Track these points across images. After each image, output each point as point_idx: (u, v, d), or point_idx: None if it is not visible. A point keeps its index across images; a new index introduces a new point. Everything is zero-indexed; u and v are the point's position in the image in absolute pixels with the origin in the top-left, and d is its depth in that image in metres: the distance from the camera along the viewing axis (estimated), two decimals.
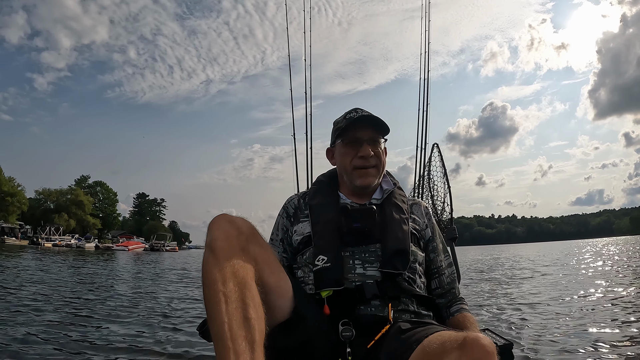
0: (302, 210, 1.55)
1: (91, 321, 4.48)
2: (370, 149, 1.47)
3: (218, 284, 0.94)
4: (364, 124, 1.48)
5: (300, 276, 1.41)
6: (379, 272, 1.33)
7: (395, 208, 1.48)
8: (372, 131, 1.49)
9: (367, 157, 1.47)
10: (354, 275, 1.32)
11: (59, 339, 3.57)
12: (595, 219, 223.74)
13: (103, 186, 76.74)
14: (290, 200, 1.60)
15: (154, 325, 4.44)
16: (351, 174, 1.49)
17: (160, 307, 5.75)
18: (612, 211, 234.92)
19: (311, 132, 3.75)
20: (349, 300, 1.29)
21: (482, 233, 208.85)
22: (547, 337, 3.90)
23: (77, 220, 62.42)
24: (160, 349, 3.41)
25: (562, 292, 7.16)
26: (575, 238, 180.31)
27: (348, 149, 1.49)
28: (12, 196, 52.76)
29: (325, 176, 1.66)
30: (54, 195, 63.80)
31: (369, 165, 1.48)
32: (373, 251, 1.36)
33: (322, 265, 1.33)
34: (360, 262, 1.35)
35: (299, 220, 1.51)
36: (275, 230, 1.58)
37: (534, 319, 4.84)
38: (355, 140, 1.47)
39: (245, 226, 1.08)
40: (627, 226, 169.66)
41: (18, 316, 4.54)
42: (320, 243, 1.38)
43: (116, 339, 3.71)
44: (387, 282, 1.31)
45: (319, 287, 1.32)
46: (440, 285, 1.52)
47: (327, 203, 1.50)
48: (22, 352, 3.15)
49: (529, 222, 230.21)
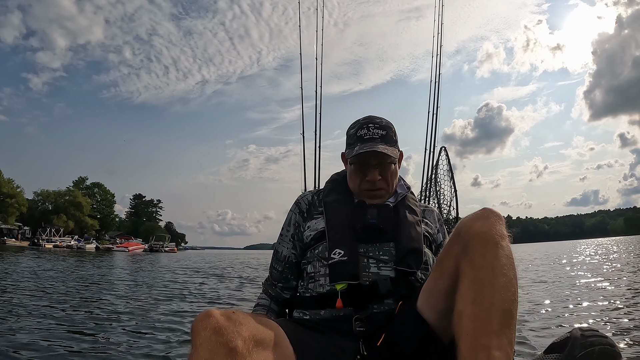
0: (315, 207, 1.53)
1: (106, 322, 4.55)
2: (379, 173, 1.44)
3: None
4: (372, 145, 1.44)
5: (310, 271, 1.40)
6: (393, 271, 1.32)
7: (408, 210, 1.48)
8: (381, 156, 1.44)
9: (374, 182, 1.45)
10: (368, 274, 1.32)
11: (77, 342, 3.58)
12: (590, 219, 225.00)
13: (101, 187, 77.21)
14: (303, 196, 1.59)
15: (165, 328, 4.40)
16: (360, 194, 1.49)
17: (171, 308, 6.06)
18: (606, 212, 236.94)
19: (320, 132, 3.64)
20: (363, 295, 1.29)
21: None
22: (548, 339, 3.61)
23: (76, 221, 62.91)
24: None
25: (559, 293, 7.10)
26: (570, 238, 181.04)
27: (356, 172, 1.47)
28: (11, 197, 53.24)
29: (339, 175, 1.63)
30: (52, 197, 64.37)
31: (376, 188, 1.46)
32: (387, 250, 1.35)
33: (338, 258, 1.32)
34: (374, 261, 1.34)
35: (313, 217, 1.50)
36: (286, 226, 1.55)
37: (536, 319, 4.70)
38: (364, 164, 1.44)
39: (233, 332, 0.88)
40: (621, 227, 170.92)
41: (35, 318, 4.61)
42: (337, 237, 1.37)
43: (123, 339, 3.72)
44: (401, 280, 1.32)
45: (334, 279, 1.31)
46: None
47: (342, 200, 1.49)
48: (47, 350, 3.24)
49: (523, 223, 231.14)
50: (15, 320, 4.40)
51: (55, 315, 4.84)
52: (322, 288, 1.34)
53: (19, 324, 4.22)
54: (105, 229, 75.24)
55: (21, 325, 4.13)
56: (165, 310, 5.46)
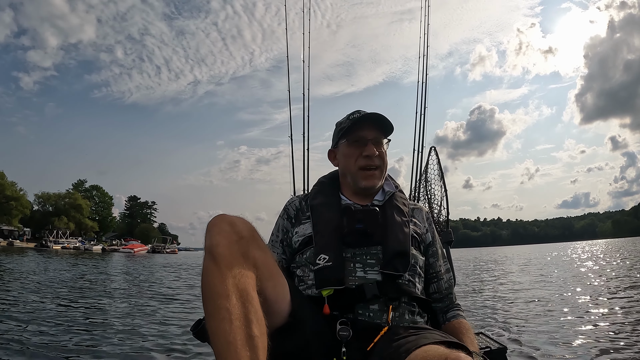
0: (304, 212, 1.52)
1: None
2: (375, 149, 1.46)
3: (220, 299, 0.91)
4: (368, 124, 1.47)
5: (300, 275, 1.40)
6: (379, 274, 1.32)
7: (396, 210, 1.47)
8: (376, 131, 1.48)
9: (371, 157, 1.46)
10: (354, 278, 1.31)
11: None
12: (580, 222, 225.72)
13: (99, 190, 78.44)
14: (291, 202, 1.58)
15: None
16: (355, 175, 1.48)
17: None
18: (596, 214, 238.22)
19: (308, 133, 3.63)
20: (349, 300, 1.28)
21: (467, 236, 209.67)
22: (542, 340, 3.97)
23: (76, 223, 64.09)
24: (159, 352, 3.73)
25: (555, 294, 7.50)
26: (559, 241, 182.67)
27: (352, 149, 1.48)
28: (15, 200, 54.46)
29: (326, 177, 1.64)
30: (52, 199, 65.37)
31: (373, 165, 1.47)
32: (374, 253, 1.35)
33: (323, 264, 1.32)
34: (361, 265, 1.34)
35: (301, 222, 1.49)
36: (275, 232, 1.54)
37: (529, 322, 4.90)
38: (360, 139, 1.46)
39: (246, 228, 1.04)
40: (609, 229, 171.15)
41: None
42: (322, 242, 1.37)
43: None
44: (388, 284, 1.31)
45: (320, 285, 1.30)
46: (438, 290, 1.52)
47: (328, 203, 1.48)
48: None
49: (514, 225, 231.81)
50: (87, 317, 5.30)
51: (113, 310, 5.93)
52: (310, 292, 1.34)
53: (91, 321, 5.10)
54: (103, 231, 76.35)
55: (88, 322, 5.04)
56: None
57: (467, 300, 7.13)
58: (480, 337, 1.54)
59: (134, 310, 6.10)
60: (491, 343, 1.47)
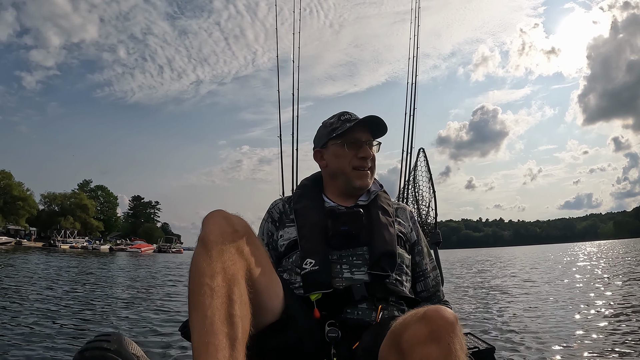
0: (287, 215, 1.53)
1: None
2: (369, 151, 1.50)
3: (205, 278, 0.88)
4: (362, 126, 1.50)
5: (287, 279, 1.39)
6: (367, 275, 1.33)
7: (381, 210, 1.49)
8: (369, 133, 1.52)
9: (366, 159, 1.50)
10: (342, 279, 1.33)
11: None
12: (582, 223, 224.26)
13: (104, 190, 79.33)
14: (275, 205, 1.58)
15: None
16: (349, 175, 1.50)
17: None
18: (598, 215, 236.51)
19: (297, 134, 3.61)
20: (338, 302, 1.29)
21: (469, 236, 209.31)
22: (531, 341, 3.96)
23: (82, 223, 64.99)
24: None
25: (548, 296, 7.43)
26: (561, 242, 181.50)
27: (347, 150, 1.49)
28: (22, 200, 55.25)
29: (309, 180, 1.65)
30: (58, 199, 66.16)
31: (367, 166, 1.51)
32: (360, 254, 1.36)
33: (310, 268, 1.33)
34: (347, 266, 1.35)
35: (285, 225, 1.50)
36: (260, 235, 1.54)
37: (518, 323, 4.87)
38: (355, 141, 1.49)
39: (241, 224, 1.04)
40: (611, 230, 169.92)
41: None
42: (307, 246, 1.37)
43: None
44: (375, 284, 1.33)
45: (308, 290, 1.31)
46: (426, 288, 1.54)
47: (312, 207, 1.49)
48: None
49: (515, 226, 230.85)
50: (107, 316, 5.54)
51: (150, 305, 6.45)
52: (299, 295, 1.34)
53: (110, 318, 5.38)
54: (108, 231, 77.13)
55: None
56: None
57: (456, 300, 7.16)
58: (468, 337, 1.54)
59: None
60: (479, 343, 1.47)
